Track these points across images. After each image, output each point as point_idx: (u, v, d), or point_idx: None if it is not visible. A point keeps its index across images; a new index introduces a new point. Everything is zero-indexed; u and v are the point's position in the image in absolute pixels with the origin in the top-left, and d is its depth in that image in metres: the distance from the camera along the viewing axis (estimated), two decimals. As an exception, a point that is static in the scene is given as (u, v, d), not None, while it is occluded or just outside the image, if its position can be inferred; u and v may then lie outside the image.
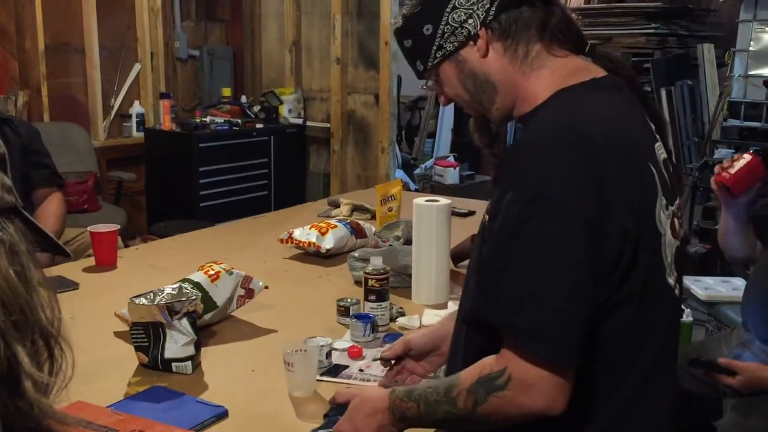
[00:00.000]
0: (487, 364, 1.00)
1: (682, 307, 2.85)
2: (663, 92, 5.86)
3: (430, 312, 1.77)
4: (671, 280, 1.07)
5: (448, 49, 1.11)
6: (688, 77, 6.02)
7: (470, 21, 1.08)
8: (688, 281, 2.92)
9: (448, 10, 1.09)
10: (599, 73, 1.09)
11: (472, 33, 1.09)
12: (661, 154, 1.09)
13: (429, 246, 1.84)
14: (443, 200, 1.89)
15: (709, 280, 2.90)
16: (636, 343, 1.03)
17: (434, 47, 1.12)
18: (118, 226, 2.20)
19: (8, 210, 0.54)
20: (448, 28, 1.10)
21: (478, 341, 1.07)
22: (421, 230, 1.85)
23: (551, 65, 1.08)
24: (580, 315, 0.96)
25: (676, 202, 1.10)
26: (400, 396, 1.07)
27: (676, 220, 1.08)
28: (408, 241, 2.09)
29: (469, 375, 1.01)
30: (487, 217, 1.07)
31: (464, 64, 1.11)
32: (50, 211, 2.52)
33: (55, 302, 0.54)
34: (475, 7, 1.08)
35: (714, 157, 4.62)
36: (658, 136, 1.12)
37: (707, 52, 5.84)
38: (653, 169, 1.04)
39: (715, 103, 5.50)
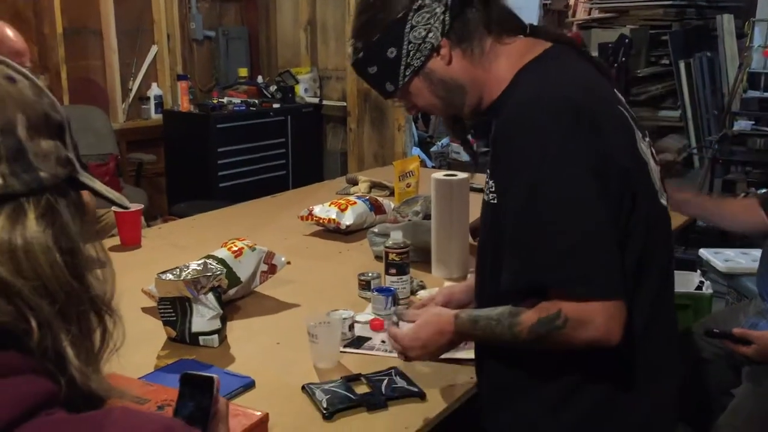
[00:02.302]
0: (543, 307, 1.08)
1: (702, 279, 2.86)
2: (681, 64, 5.79)
3: (450, 285, 1.79)
4: (664, 201, 1.20)
5: (416, 65, 1.18)
6: (707, 49, 5.93)
7: (431, 35, 1.16)
8: (708, 253, 2.91)
9: (407, 30, 1.17)
10: (546, 45, 1.18)
11: (435, 45, 1.17)
12: (621, 97, 1.20)
13: (448, 220, 1.86)
14: (461, 175, 1.90)
15: (729, 252, 2.90)
16: (646, 264, 1.13)
17: (402, 67, 1.19)
18: (142, 206, 2.24)
19: (62, 183, 0.54)
20: (411, 47, 1.17)
21: None
22: (440, 205, 1.87)
23: (505, 52, 1.18)
24: (613, 250, 1.06)
25: (646, 133, 1.21)
26: (465, 322, 1.19)
27: (652, 149, 1.20)
28: (427, 216, 2.11)
29: (528, 316, 1.10)
30: (491, 195, 1.15)
31: (433, 74, 1.19)
32: None
33: (109, 274, 0.55)
34: (432, 21, 1.16)
35: (733, 128, 4.57)
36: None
37: (726, 22, 5.76)
38: (623, 110, 1.15)
39: (735, 74, 5.43)
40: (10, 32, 2.35)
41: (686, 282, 2.96)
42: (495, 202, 1.14)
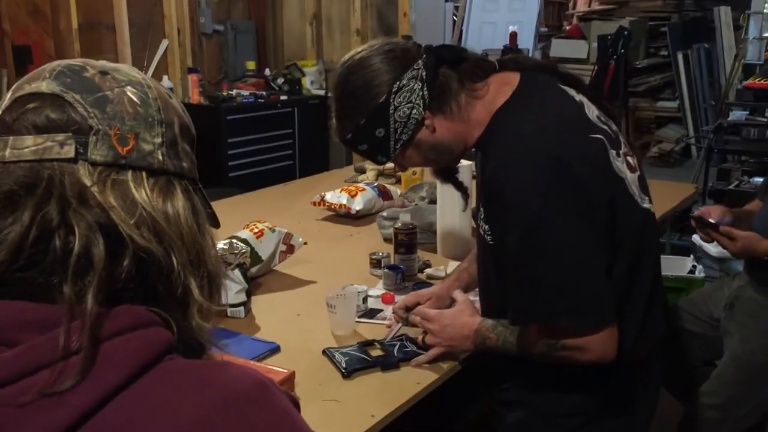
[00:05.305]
0: (545, 334, 1.22)
1: (695, 263, 2.98)
2: (680, 56, 5.91)
3: (454, 264, 1.93)
4: (645, 205, 1.30)
5: (404, 139, 1.28)
6: (705, 41, 6.04)
7: (414, 111, 1.25)
8: (700, 239, 3.04)
9: (391, 111, 1.25)
10: (513, 79, 1.27)
11: (419, 119, 1.26)
12: (592, 112, 1.27)
13: (452, 204, 2.00)
14: (465, 162, 2.04)
15: (720, 237, 3.01)
16: (641, 261, 1.26)
17: (392, 143, 1.28)
18: None
19: (192, 179, 0.68)
20: (398, 125, 1.26)
21: None
22: (445, 190, 2.00)
23: (480, 101, 1.27)
24: (601, 281, 1.18)
25: (622, 143, 1.28)
26: (487, 326, 1.33)
27: (628, 159, 1.27)
28: (432, 201, 2.25)
29: (533, 334, 1.24)
30: (488, 237, 1.27)
31: (421, 143, 1.29)
32: None
33: (217, 253, 0.68)
34: (413, 98, 1.24)
35: (729, 119, 4.69)
36: (581, 97, 1.29)
37: (724, 14, 5.87)
38: (596, 135, 1.22)
39: (731, 65, 5.55)
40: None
41: (680, 266, 3.09)
42: (492, 243, 1.26)
